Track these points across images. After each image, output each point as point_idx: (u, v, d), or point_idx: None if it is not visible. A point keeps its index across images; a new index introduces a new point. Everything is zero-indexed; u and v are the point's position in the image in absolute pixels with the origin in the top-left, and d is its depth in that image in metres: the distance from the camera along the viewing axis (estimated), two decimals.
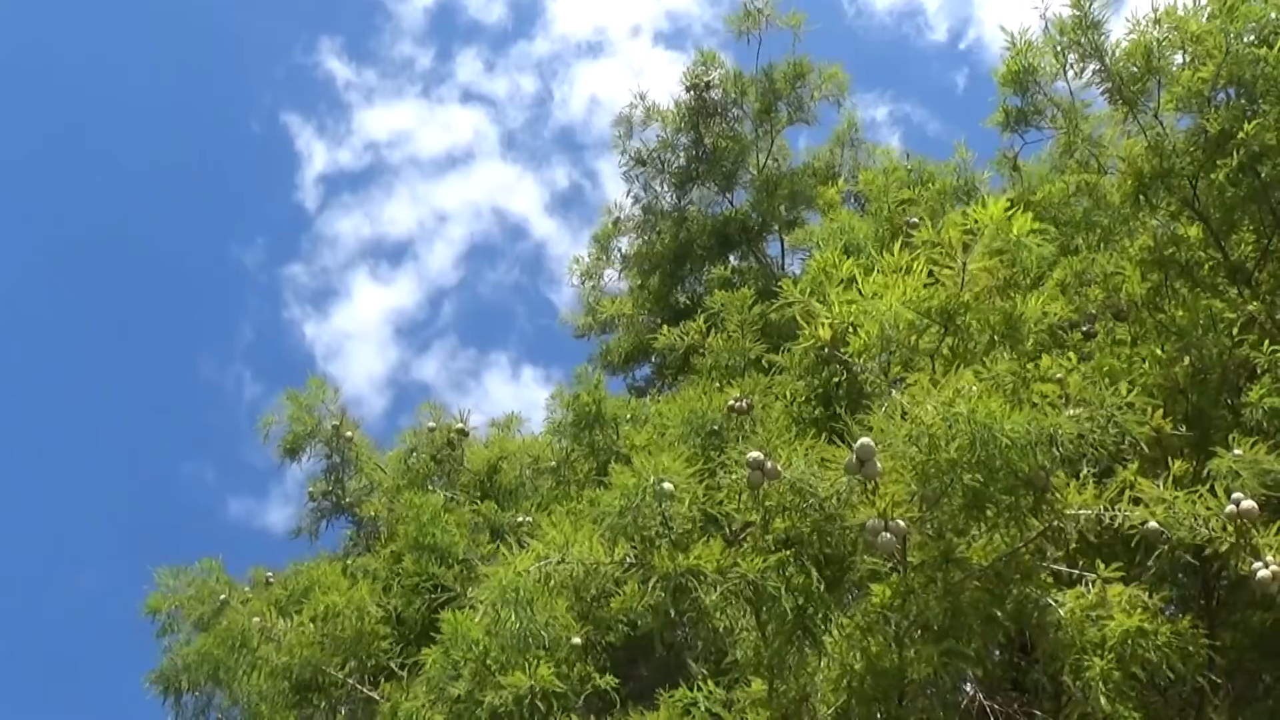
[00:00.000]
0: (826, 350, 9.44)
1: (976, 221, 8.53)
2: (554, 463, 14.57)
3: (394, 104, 39.68)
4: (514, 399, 39.94)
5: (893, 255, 8.85)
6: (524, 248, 39.89)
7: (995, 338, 8.98)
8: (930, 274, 8.81)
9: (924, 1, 39.10)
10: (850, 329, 8.92)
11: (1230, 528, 7.65)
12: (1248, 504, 7.64)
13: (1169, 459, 8.90)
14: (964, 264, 8.69)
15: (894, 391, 8.23)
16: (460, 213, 40.21)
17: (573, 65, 39.96)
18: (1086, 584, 8.34)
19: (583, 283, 21.44)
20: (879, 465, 7.66)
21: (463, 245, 39.40)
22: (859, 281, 8.82)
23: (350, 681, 11.97)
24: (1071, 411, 7.66)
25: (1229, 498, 7.76)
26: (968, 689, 9.93)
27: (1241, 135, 11.47)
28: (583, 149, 39.67)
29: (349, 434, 16.72)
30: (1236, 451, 8.47)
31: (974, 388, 7.68)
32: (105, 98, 36.70)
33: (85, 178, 36.19)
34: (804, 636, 7.88)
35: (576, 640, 9.60)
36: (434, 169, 39.54)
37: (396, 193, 38.94)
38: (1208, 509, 7.73)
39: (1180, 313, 11.51)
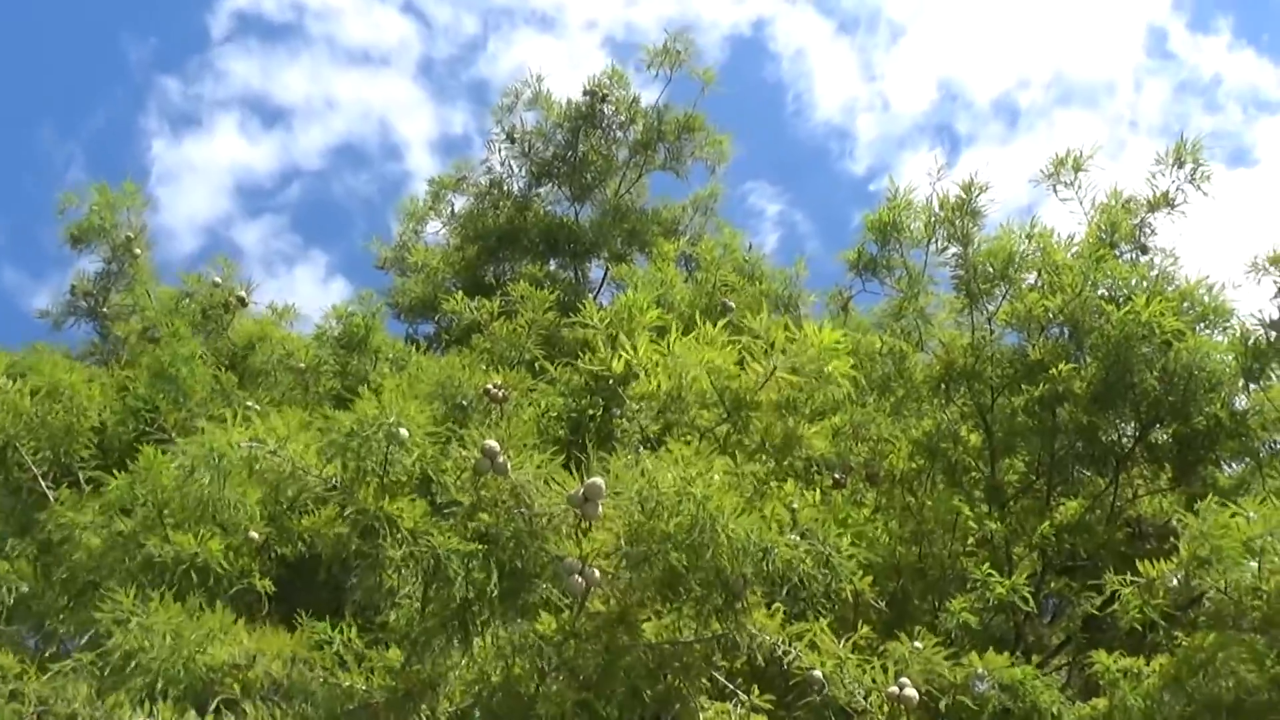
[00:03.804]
0: (596, 383, 9.45)
1: (804, 337, 8.70)
2: (303, 365, 14.27)
3: None
4: (313, 302, 39.21)
5: (712, 327, 8.93)
6: (393, 170, 39.85)
7: (769, 445, 9.11)
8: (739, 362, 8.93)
9: (858, 131, 39.74)
10: (645, 374, 8.95)
11: (886, 708, 7.78)
12: (910, 692, 7.78)
13: (859, 625, 9.05)
14: (774, 367, 8.85)
15: (640, 448, 8.20)
16: (349, 109, 40.08)
17: (518, 27, 39.87)
18: (736, 702, 8.40)
19: (405, 221, 21.20)
20: (600, 509, 7.62)
21: (337, 140, 39.19)
22: (671, 334, 8.86)
23: (35, 470, 11.38)
24: (794, 539, 7.70)
25: (897, 680, 7.90)
26: None
27: (1054, 373, 11.79)
28: (489, 107, 39.29)
29: (137, 251, 16.23)
30: (917, 644, 8.66)
31: (717, 476, 7.68)
32: None
33: None
34: (459, 630, 7.78)
35: (255, 535, 9.35)
36: (346, 57, 39.26)
37: (300, 61, 38.33)
38: (874, 682, 7.85)
39: (929, 503, 11.78)
